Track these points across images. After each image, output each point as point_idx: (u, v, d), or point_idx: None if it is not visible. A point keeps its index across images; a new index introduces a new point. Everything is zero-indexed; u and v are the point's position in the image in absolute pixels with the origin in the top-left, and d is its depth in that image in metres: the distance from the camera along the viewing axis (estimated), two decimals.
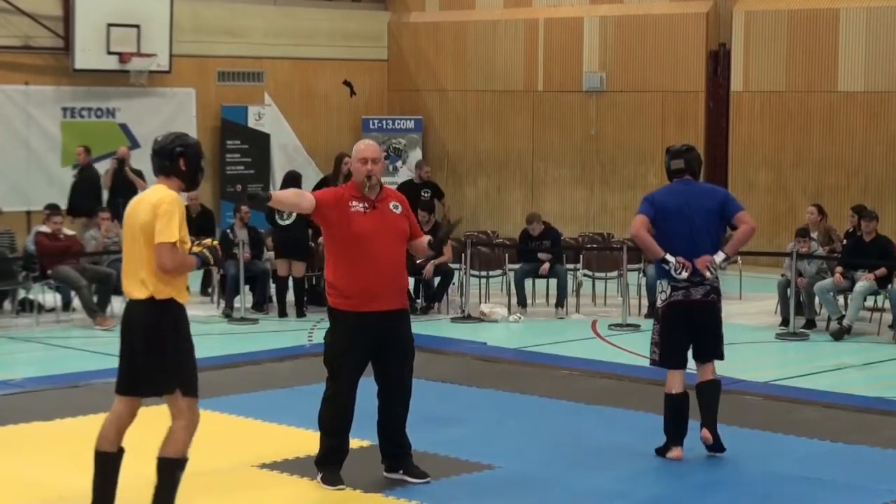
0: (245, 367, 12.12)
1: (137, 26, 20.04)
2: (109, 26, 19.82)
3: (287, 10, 22.69)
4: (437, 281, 15.85)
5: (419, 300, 15.82)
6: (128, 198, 7.17)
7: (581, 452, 8.99)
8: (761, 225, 18.68)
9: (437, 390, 10.87)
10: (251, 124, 21.93)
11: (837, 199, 18.65)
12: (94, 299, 14.97)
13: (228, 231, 15.95)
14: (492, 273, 16.74)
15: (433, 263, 15.52)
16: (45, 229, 15.36)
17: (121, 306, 7.09)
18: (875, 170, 19.07)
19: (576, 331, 14.84)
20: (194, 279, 16.34)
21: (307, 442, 8.59)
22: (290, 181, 15.62)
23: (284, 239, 15.34)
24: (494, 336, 14.24)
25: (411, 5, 23.57)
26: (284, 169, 18.78)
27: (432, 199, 18.50)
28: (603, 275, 16.73)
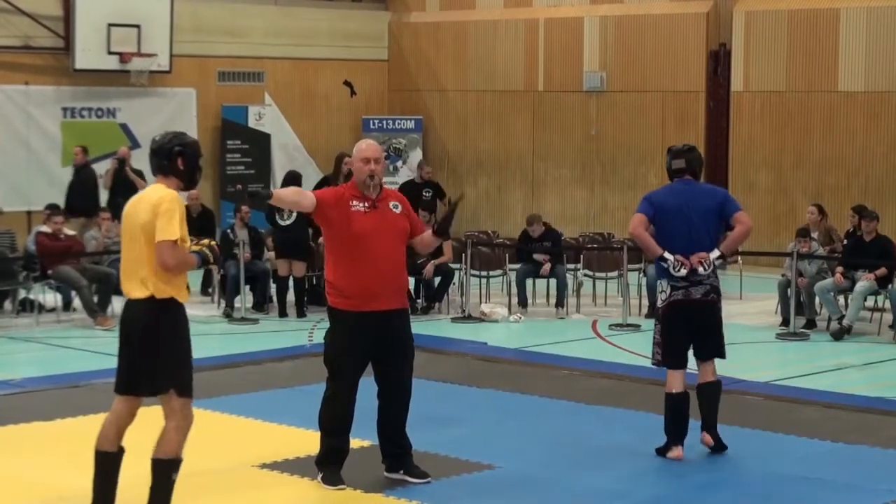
0: (245, 367, 12.13)
1: (138, 26, 20.04)
2: (110, 26, 19.82)
3: (287, 10, 22.69)
4: (437, 281, 15.84)
5: (420, 300, 15.81)
6: (128, 198, 7.14)
7: (581, 452, 8.99)
8: (762, 225, 18.76)
9: (438, 390, 10.87)
10: (251, 124, 21.93)
11: (838, 199, 18.65)
12: (95, 299, 14.97)
13: (229, 231, 15.95)
14: (492, 273, 16.73)
15: (433, 263, 15.54)
16: (45, 229, 15.37)
17: (121, 306, 7.08)
18: (875, 170, 19.06)
19: (576, 331, 14.83)
20: (195, 279, 16.35)
21: (307, 442, 8.58)
22: (290, 181, 15.61)
23: (285, 239, 15.35)
24: (495, 336, 14.24)
25: (412, 5, 23.57)
26: (285, 169, 18.77)
27: (434, 198, 18.52)
28: (603, 275, 16.72)
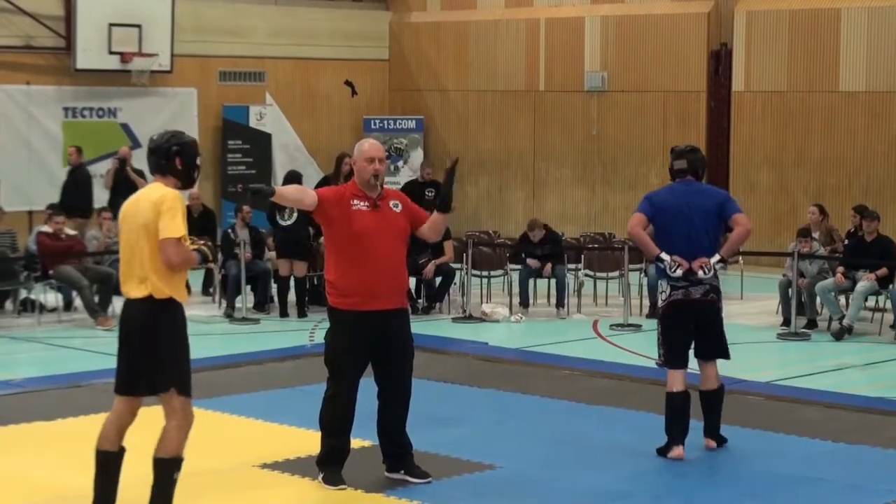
0: (246, 367, 12.11)
1: (139, 26, 20.04)
2: (111, 26, 19.82)
3: (288, 9, 22.69)
4: (438, 281, 15.85)
5: (421, 300, 15.81)
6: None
7: (582, 452, 8.99)
8: (763, 225, 18.77)
9: (439, 390, 10.87)
10: (252, 124, 21.93)
11: (839, 199, 18.64)
12: (96, 299, 14.97)
13: (230, 231, 15.95)
14: (493, 273, 16.73)
15: (434, 263, 15.54)
16: (46, 229, 15.38)
17: (121, 306, 7.08)
18: (876, 170, 19.06)
19: (577, 331, 14.83)
20: (196, 279, 16.37)
21: (308, 442, 8.58)
22: (290, 180, 15.59)
23: (286, 239, 15.35)
24: (496, 336, 14.24)
25: (413, 5, 23.56)
26: (286, 169, 18.77)
27: (436, 198, 18.49)
28: (604, 275, 16.72)
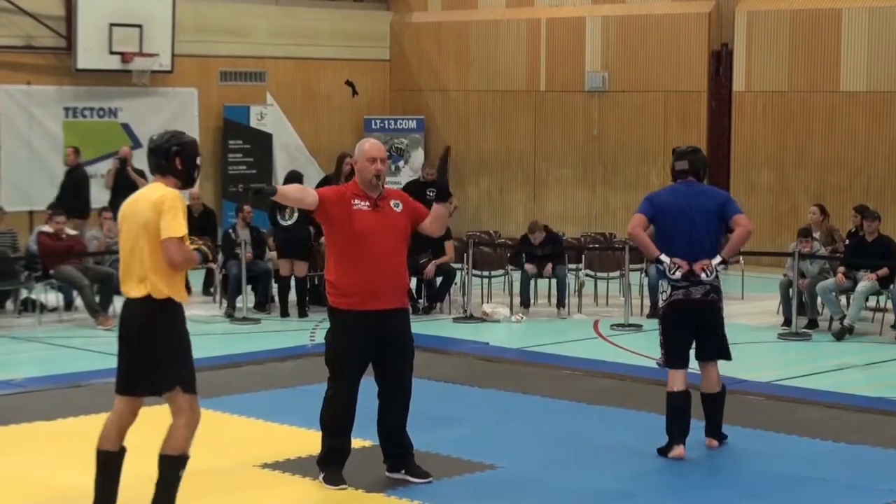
0: (247, 366, 12.13)
1: (140, 26, 20.04)
2: (112, 26, 19.82)
3: (289, 9, 22.69)
4: (439, 281, 15.85)
5: (421, 300, 15.81)
6: None
7: (583, 452, 8.99)
8: (764, 225, 18.77)
9: (440, 390, 10.87)
10: (253, 124, 21.92)
11: (840, 199, 18.64)
12: (97, 299, 14.97)
13: (231, 231, 15.95)
14: (494, 273, 16.72)
15: (435, 263, 15.54)
16: (47, 229, 15.38)
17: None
18: (877, 170, 19.05)
19: (578, 331, 14.83)
20: (197, 279, 16.38)
21: (309, 442, 8.58)
22: (291, 180, 15.57)
23: (286, 239, 15.34)
24: (496, 336, 14.23)
25: (413, 5, 23.56)
26: (286, 169, 18.77)
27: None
28: (605, 275, 16.72)
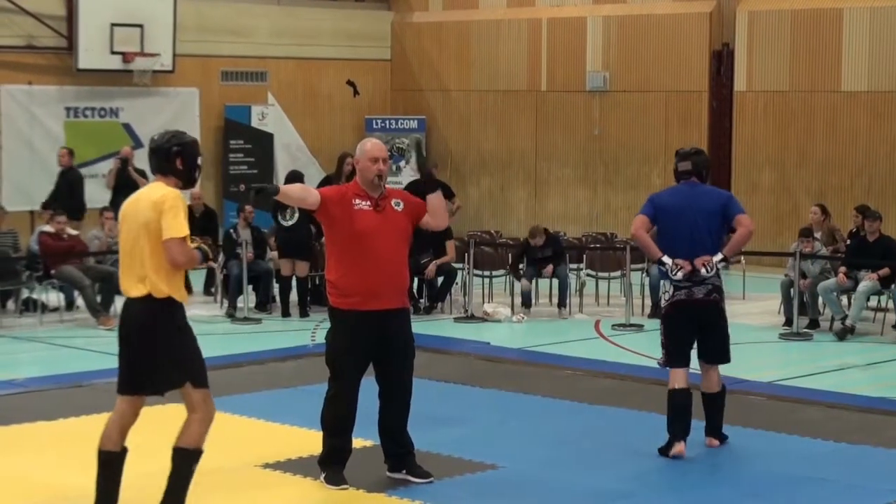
0: (248, 366, 12.13)
1: (141, 26, 20.05)
2: (113, 26, 19.83)
3: (290, 9, 22.69)
4: (440, 281, 15.85)
5: (422, 300, 15.81)
6: None
7: (584, 452, 8.99)
8: (765, 225, 18.76)
9: (441, 390, 10.87)
10: (254, 124, 21.93)
11: (841, 199, 18.63)
12: (98, 299, 14.98)
13: (232, 231, 15.95)
14: (495, 273, 16.73)
15: (436, 263, 15.54)
16: (48, 229, 15.39)
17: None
18: (878, 170, 19.05)
19: (579, 331, 14.83)
20: (198, 279, 16.39)
21: (310, 442, 8.58)
22: (292, 180, 15.57)
23: (287, 239, 15.34)
24: (498, 336, 14.23)
25: (415, 5, 23.56)
26: (288, 169, 18.77)
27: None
28: (606, 275, 16.72)
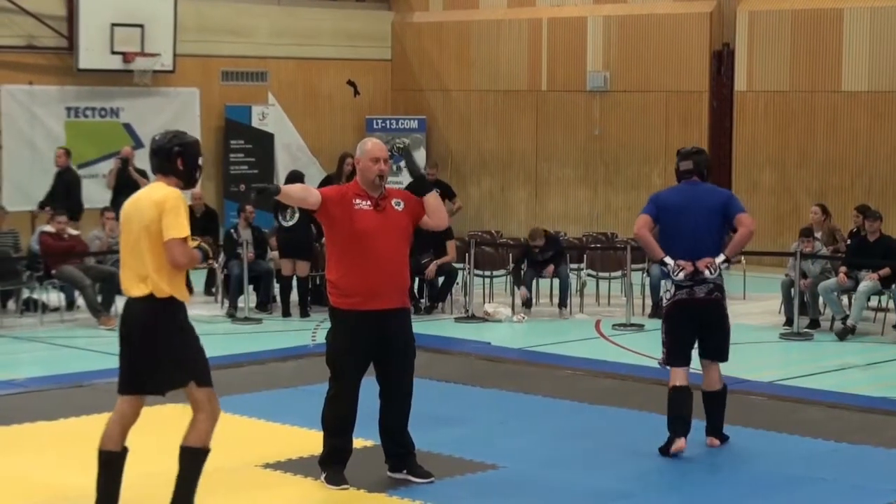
0: (249, 366, 12.13)
1: (141, 26, 20.05)
2: (113, 26, 19.82)
3: (291, 9, 22.69)
4: (440, 281, 15.85)
5: (423, 300, 15.81)
6: None
7: (585, 452, 8.99)
8: (765, 225, 18.76)
9: (441, 390, 10.87)
10: (255, 124, 21.93)
11: (841, 199, 18.63)
12: (98, 299, 14.98)
13: (232, 231, 15.95)
14: (495, 273, 16.73)
15: (436, 263, 15.54)
16: (49, 229, 15.39)
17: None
18: (879, 170, 19.05)
19: (579, 331, 14.83)
20: (199, 279, 16.38)
21: (311, 442, 8.59)
22: (292, 181, 15.57)
23: (288, 239, 15.35)
24: (498, 336, 14.23)
25: (415, 5, 23.56)
26: (288, 168, 18.77)
27: (442, 198, 18.46)
28: (606, 275, 16.71)
